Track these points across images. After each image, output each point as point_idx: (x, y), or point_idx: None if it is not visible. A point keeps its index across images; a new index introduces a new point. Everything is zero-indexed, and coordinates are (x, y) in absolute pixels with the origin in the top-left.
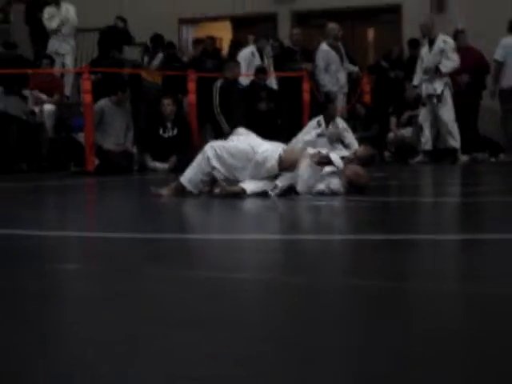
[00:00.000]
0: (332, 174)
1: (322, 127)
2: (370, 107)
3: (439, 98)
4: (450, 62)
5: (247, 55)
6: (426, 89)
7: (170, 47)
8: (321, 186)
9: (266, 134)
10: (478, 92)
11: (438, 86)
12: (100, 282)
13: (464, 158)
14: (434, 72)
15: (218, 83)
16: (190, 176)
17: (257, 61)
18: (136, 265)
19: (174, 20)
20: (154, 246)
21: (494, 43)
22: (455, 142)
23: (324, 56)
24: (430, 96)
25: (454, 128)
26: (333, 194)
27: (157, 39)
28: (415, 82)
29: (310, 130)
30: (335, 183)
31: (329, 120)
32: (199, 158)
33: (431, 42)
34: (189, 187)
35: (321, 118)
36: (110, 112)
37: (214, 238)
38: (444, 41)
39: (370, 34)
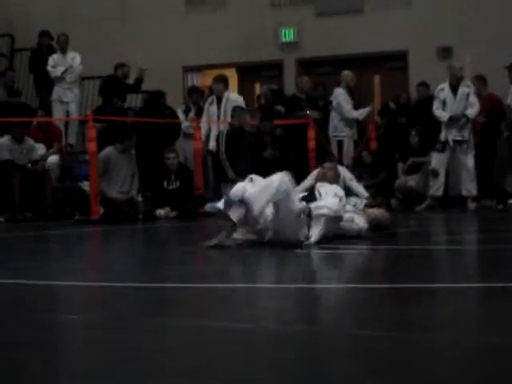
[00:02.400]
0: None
1: None
2: (377, 154)
3: (468, 144)
4: (475, 107)
5: (206, 104)
6: (450, 135)
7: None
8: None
9: None
10: (493, 138)
11: (467, 133)
12: (101, 331)
13: (472, 205)
14: (462, 119)
15: (225, 130)
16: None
17: (213, 109)
18: (136, 315)
19: (178, 68)
20: (155, 295)
21: (496, 88)
22: (474, 190)
23: (342, 101)
24: (456, 142)
25: (474, 175)
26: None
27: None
28: (444, 118)
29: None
30: (360, 220)
31: None
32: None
33: (454, 88)
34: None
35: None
36: (116, 160)
37: (221, 287)
38: (468, 85)
39: (377, 80)
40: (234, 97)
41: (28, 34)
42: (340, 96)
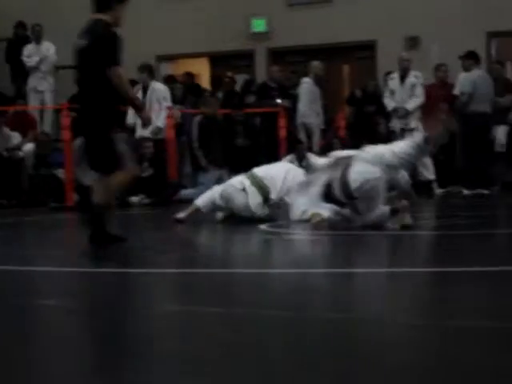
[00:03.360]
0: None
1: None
2: (346, 143)
3: (412, 132)
4: (417, 100)
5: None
6: (396, 124)
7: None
8: None
9: (243, 168)
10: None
11: (411, 121)
12: (81, 317)
13: (438, 191)
14: (400, 110)
15: (197, 119)
16: None
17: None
18: (114, 301)
19: (151, 57)
20: (133, 281)
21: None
22: (429, 174)
23: (306, 91)
24: (402, 130)
25: (427, 160)
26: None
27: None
28: (390, 107)
29: None
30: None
31: (301, 159)
32: None
33: (403, 77)
34: None
35: (292, 156)
36: None
37: (202, 272)
38: (416, 76)
39: (346, 70)
40: (159, 86)
41: (3, 25)
42: (303, 84)
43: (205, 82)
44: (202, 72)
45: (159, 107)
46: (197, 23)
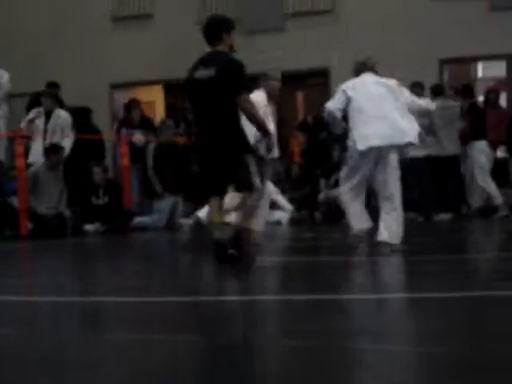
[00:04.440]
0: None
1: None
2: (301, 168)
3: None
4: None
5: (30, 114)
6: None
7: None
8: None
9: (198, 195)
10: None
11: None
12: (30, 345)
13: None
14: None
15: (153, 145)
16: None
17: (40, 122)
18: (65, 328)
19: (105, 85)
20: (85, 309)
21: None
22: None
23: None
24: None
25: None
26: None
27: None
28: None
29: None
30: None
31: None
32: None
33: None
34: None
35: None
36: (44, 176)
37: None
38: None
39: (299, 97)
40: (63, 114)
41: None
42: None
43: (159, 109)
44: (157, 99)
45: (62, 134)
46: (151, 50)
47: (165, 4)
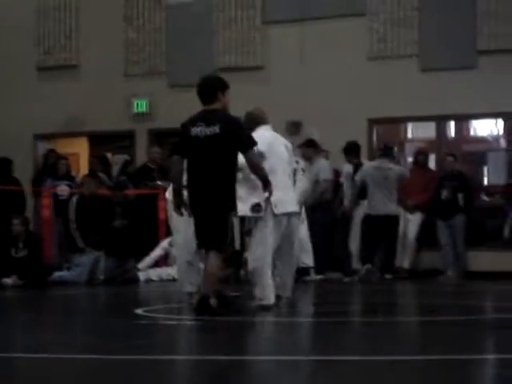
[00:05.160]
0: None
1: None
2: None
3: (298, 216)
4: (299, 187)
5: None
6: None
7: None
8: None
9: (121, 250)
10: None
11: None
12: None
13: (315, 276)
14: None
15: (74, 198)
16: None
17: None
18: None
19: (29, 135)
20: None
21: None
22: (310, 261)
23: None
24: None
25: (308, 246)
26: None
27: None
28: None
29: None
30: None
31: None
32: None
33: None
34: None
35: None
36: None
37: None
38: (297, 161)
39: None
40: None
41: None
42: None
43: (83, 161)
44: (81, 151)
45: None
46: (77, 101)
47: (91, 54)
